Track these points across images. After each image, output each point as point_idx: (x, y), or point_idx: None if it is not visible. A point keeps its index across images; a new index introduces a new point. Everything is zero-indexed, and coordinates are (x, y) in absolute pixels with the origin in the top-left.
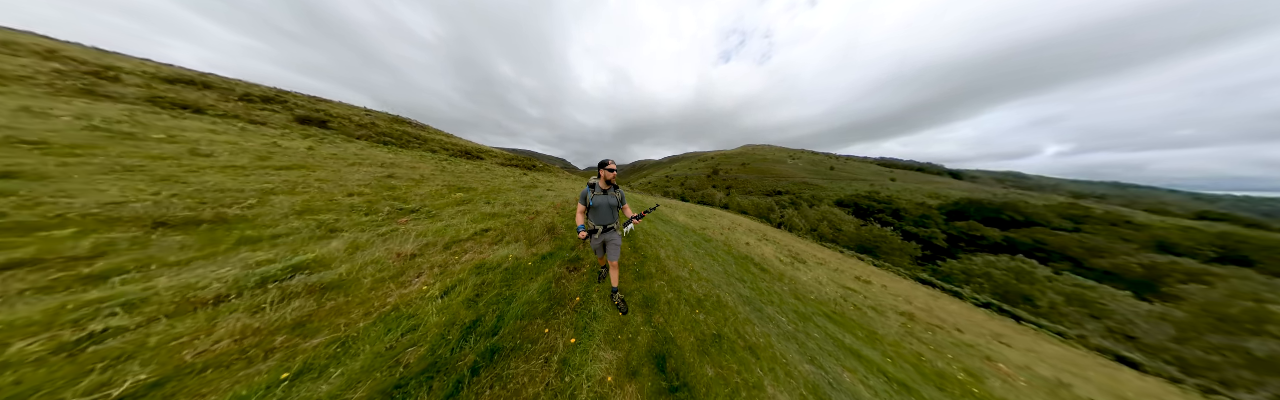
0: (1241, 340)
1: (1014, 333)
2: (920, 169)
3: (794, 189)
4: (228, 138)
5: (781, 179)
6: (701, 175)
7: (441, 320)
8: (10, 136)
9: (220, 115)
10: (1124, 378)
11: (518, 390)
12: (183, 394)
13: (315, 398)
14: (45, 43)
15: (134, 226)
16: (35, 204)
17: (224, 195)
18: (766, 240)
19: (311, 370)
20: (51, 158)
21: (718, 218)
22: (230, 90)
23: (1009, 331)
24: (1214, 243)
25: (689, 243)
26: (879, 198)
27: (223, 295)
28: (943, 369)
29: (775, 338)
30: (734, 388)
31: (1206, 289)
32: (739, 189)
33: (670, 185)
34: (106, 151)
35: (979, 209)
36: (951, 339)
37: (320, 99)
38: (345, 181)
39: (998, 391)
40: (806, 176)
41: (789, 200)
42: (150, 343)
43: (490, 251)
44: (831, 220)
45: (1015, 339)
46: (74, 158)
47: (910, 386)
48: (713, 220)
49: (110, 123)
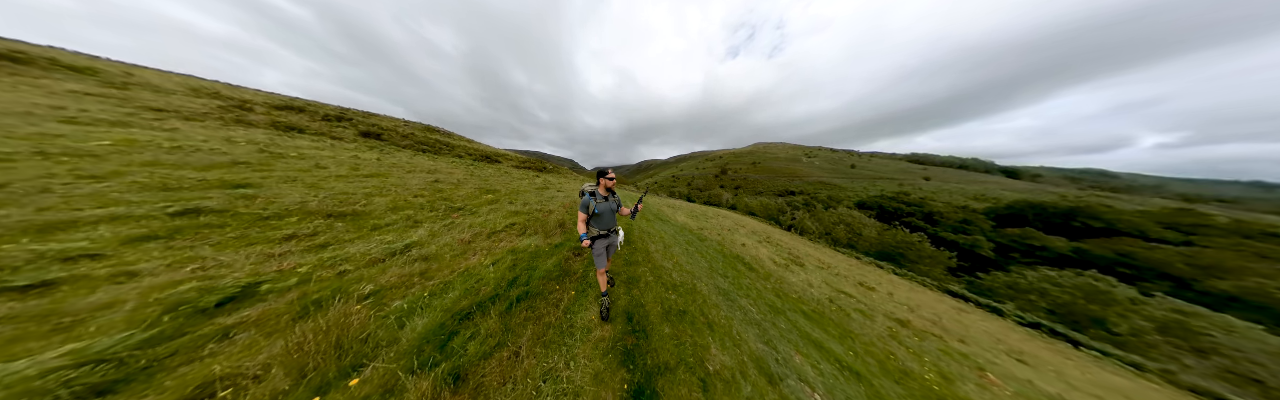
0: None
1: (1055, 355)
2: (963, 166)
3: (809, 189)
4: (327, 153)
5: (795, 178)
6: (709, 175)
7: (494, 276)
8: (234, 160)
9: (314, 134)
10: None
11: (541, 316)
12: (388, 298)
13: (447, 301)
14: (197, 83)
15: (319, 217)
16: (269, 203)
17: (347, 197)
18: (768, 242)
19: (440, 291)
20: (254, 173)
21: (720, 218)
22: (315, 112)
23: (1045, 353)
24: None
25: (682, 241)
26: (909, 199)
27: (381, 257)
28: (910, 368)
29: (738, 322)
30: (683, 343)
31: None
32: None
33: (676, 185)
34: (274, 167)
35: (1039, 214)
36: (944, 347)
37: (370, 113)
38: (409, 186)
39: (966, 393)
40: (824, 175)
41: (803, 201)
42: (366, 276)
43: (518, 240)
44: (850, 223)
45: (1046, 360)
46: (264, 172)
47: (863, 375)
48: (714, 221)
49: (265, 146)
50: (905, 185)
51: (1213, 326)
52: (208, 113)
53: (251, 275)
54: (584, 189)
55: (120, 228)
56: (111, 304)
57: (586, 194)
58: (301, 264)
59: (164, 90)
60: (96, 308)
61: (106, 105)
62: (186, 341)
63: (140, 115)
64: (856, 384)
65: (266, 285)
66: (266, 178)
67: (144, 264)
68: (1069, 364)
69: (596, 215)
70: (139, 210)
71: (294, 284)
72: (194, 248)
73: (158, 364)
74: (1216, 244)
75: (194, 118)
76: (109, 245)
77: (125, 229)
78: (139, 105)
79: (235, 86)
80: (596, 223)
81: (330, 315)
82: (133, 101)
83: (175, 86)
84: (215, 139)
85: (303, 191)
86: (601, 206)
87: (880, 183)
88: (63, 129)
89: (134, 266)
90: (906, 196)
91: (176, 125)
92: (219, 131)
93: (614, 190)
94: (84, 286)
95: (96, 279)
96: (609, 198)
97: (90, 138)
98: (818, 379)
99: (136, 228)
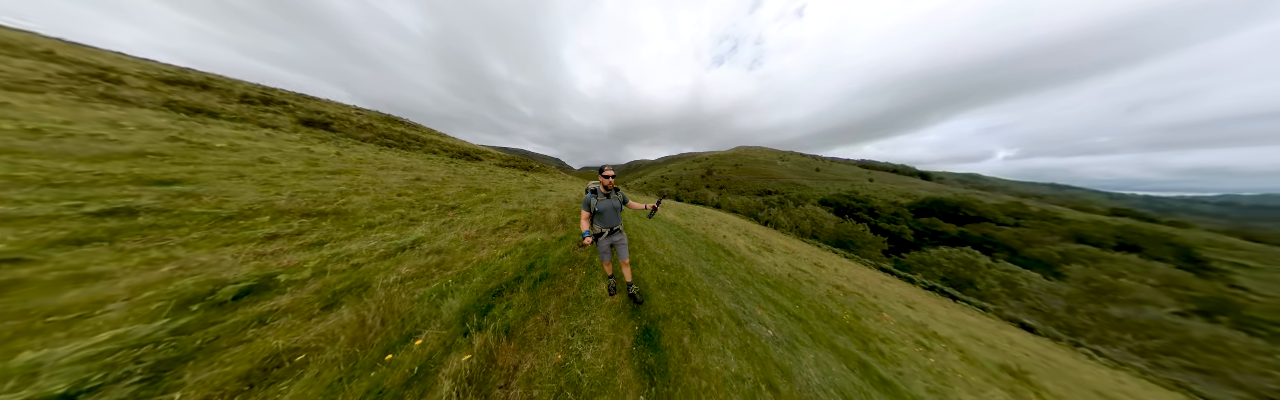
0: (1103, 307)
1: (937, 305)
2: (895, 170)
3: (783, 189)
4: (266, 144)
5: (771, 179)
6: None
7: (511, 265)
8: (138, 150)
9: (234, 119)
10: (1007, 334)
11: (560, 292)
12: (414, 286)
13: (475, 284)
14: (38, 41)
15: (295, 216)
16: (222, 202)
17: (318, 195)
18: (746, 235)
19: (463, 278)
20: (178, 167)
21: (706, 216)
22: (228, 91)
23: (930, 304)
24: (1115, 234)
25: (672, 235)
26: (857, 197)
27: (390, 252)
28: (836, 313)
29: (717, 290)
30: (675, 303)
31: (1083, 268)
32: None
33: (665, 185)
34: (203, 161)
35: (941, 207)
36: (861, 301)
37: (306, 96)
38: (388, 184)
39: (866, 324)
40: (795, 177)
41: (778, 200)
42: (383, 268)
43: (523, 236)
44: (814, 218)
45: (925, 306)
46: (191, 166)
47: (803, 319)
48: (700, 218)
49: (178, 134)
50: (856, 186)
51: (1024, 279)
52: (44, 81)
53: (259, 270)
54: (589, 187)
55: (24, 231)
56: (100, 301)
57: (590, 192)
58: (306, 260)
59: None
60: (82, 306)
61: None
62: (223, 328)
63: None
64: (797, 323)
65: (283, 277)
66: (197, 173)
67: (96, 267)
68: (941, 309)
69: (598, 213)
70: (37, 210)
71: (309, 277)
72: (156, 249)
73: (208, 345)
74: (1030, 225)
75: (21, 87)
76: (25, 249)
77: (32, 232)
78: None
79: (75, 45)
80: (599, 220)
81: (374, 297)
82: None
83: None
84: (88, 121)
85: (258, 189)
86: (603, 204)
87: (838, 184)
88: None
89: (84, 270)
90: (856, 195)
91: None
92: (82, 111)
93: (617, 188)
94: (35, 290)
95: (44, 282)
96: (611, 195)
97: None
98: (772, 322)
99: (49, 230)
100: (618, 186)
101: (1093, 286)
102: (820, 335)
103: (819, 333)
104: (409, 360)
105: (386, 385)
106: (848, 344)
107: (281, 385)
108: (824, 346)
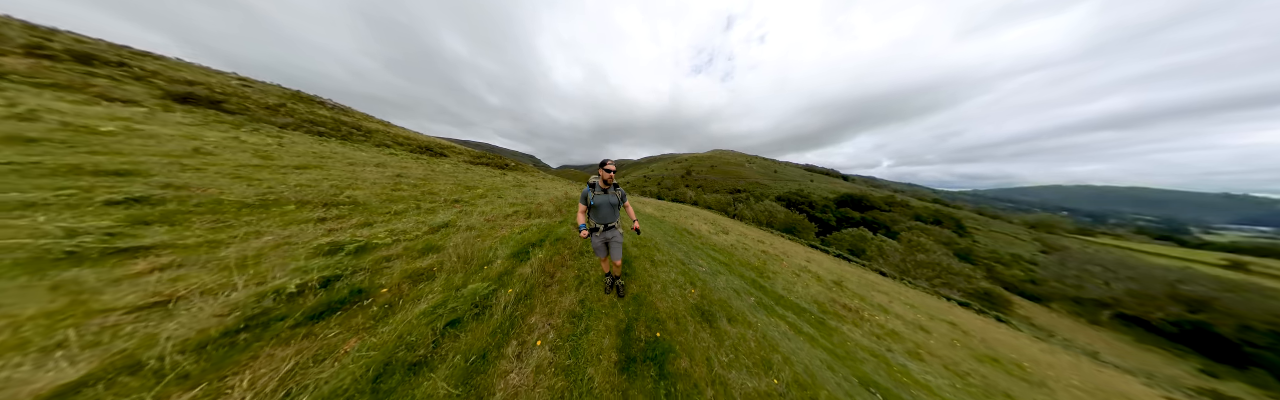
0: (913, 256)
1: (835, 263)
2: (827, 173)
3: (750, 188)
4: (171, 131)
5: (742, 180)
6: (676, 176)
7: (529, 235)
8: (15, 135)
9: (54, 87)
10: (868, 276)
11: (571, 246)
12: (472, 244)
13: (512, 243)
14: None
15: (318, 206)
16: (220, 194)
17: (312, 189)
18: (711, 224)
19: (502, 241)
20: (99, 157)
21: (680, 211)
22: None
23: (830, 262)
24: (933, 214)
25: (648, 224)
26: (802, 194)
27: (433, 229)
28: (754, 264)
29: (674, 250)
30: (643, 252)
31: (908, 233)
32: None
33: (647, 185)
34: (123, 149)
35: (851, 200)
36: (773, 258)
37: (139, 52)
38: (374, 181)
39: (768, 266)
40: (759, 178)
41: (746, 197)
42: (438, 237)
43: (528, 221)
44: (770, 211)
45: (823, 262)
46: (121, 157)
47: (728, 264)
48: (675, 212)
49: (24, 115)
50: (802, 185)
51: (881, 244)
52: None
53: (350, 237)
54: (589, 180)
55: (84, 213)
56: (257, 255)
57: (589, 185)
58: (374, 233)
59: None
60: (245, 257)
61: None
62: (371, 261)
63: None
64: (724, 266)
65: (375, 242)
66: (140, 165)
67: (207, 237)
68: (838, 265)
69: (594, 207)
70: (49, 198)
71: (391, 242)
72: (233, 227)
73: (372, 267)
74: (897, 211)
75: None
76: (112, 227)
77: (86, 215)
78: None
79: None
80: (595, 215)
81: (454, 249)
82: None
83: None
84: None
85: (241, 183)
86: (599, 199)
87: (790, 184)
88: None
89: (209, 238)
90: (801, 192)
91: None
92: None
93: (615, 183)
94: (179, 252)
95: (185, 246)
96: (609, 191)
97: None
98: (706, 265)
99: (101, 216)
100: (617, 183)
101: (910, 244)
102: (735, 270)
103: (735, 269)
104: (494, 271)
105: (489, 276)
106: (750, 274)
107: (434, 283)
108: (736, 275)
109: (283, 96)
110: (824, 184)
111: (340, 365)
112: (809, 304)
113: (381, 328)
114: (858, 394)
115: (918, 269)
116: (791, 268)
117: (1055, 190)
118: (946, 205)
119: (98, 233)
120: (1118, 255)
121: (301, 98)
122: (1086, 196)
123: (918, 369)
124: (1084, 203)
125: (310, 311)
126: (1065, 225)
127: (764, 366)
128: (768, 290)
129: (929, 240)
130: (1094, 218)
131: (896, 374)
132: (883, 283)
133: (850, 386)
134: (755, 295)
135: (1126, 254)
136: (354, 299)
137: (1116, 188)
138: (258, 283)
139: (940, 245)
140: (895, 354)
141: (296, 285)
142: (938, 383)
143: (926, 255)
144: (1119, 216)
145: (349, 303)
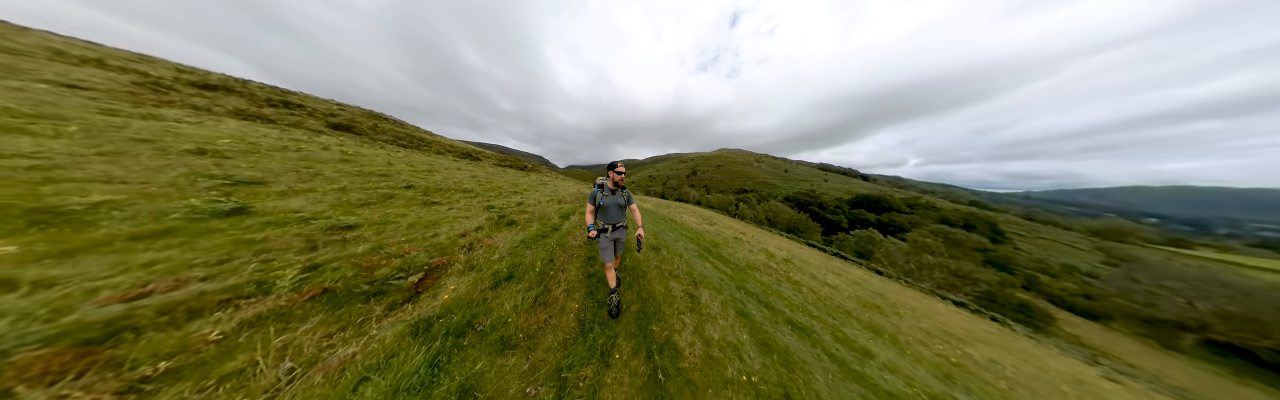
0: (919, 257)
1: (843, 265)
2: (844, 173)
3: (757, 188)
4: (351, 149)
5: (749, 179)
6: (681, 175)
7: (564, 210)
8: (309, 157)
9: (277, 124)
10: (865, 276)
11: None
12: (544, 209)
13: (562, 209)
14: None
15: (458, 192)
16: (428, 188)
17: (441, 182)
18: (705, 220)
19: (554, 212)
20: (376, 174)
21: (679, 208)
22: (253, 95)
23: (836, 264)
24: (964, 218)
25: (648, 220)
26: (813, 195)
27: (520, 203)
28: (716, 241)
29: (671, 242)
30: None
31: (917, 234)
32: (713, 188)
33: (653, 185)
34: (272, 159)
35: (867, 201)
36: (743, 243)
37: (287, 91)
38: (467, 179)
39: (727, 245)
40: (768, 178)
41: (752, 197)
42: (528, 204)
43: (562, 206)
44: (774, 210)
45: (796, 252)
46: (380, 170)
47: (694, 239)
48: (672, 209)
49: (282, 141)
50: (814, 185)
51: (890, 247)
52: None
53: (500, 207)
54: (598, 181)
55: (348, 197)
56: (473, 214)
57: (597, 186)
58: (508, 203)
59: None
60: (462, 214)
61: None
62: (508, 214)
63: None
64: (687, 239)
65: (497, 205)
66: (391, 169)
67: (433, 208)
68: (844, 268)
69: (602, 208)
70: (334, 189)
71: (517, 207)
72: (453, 201)
73: (509, 215)
74: (919, 213)
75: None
76: (364, 205)
77: (341, 199)
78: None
79: (97, 46)
80: (603, 216)
81: (537, 210)
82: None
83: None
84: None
85: (424, 179)
86: (607, 200)
87: (801, 183)
88: None
89: (455, 202)
90: (812, 193)
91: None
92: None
93: (623, 185)
94: (462, 204)
95: (461, 206)
96: (616, 192)
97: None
98: (675, 237)
99: (351, 198)
100: (625, 185)
101: (916, 245)
102: (696, 242)
103: (696, 241)
104: (552, 223)
105: (553, 223)
106: (705, 244)
107: (533, 222)
108: (695, 244)
109: (362, 116)
110: (839, 184)
111: (525, 233)
112: (741, 262)
113: (529, 228)
114: (726, 287)
115: (921, 270)
116: (750, 247)
117: (1136, 192)
118: (985, 208)
119: (422, 199)
120: (1211, 270)
121: (372, 115)
122: (1183, 200)
123: (788, 291)
124: (1179, 207)
125: (507, 221)
126: (1145, 233)
127: (684, 273)
128: (712, 251)
129: (937, 242)
130: (1196, 226)
131: (767, 288)
132: (851, 269)
133: (730, 289)
134: (699, 252)
135: (1226, 269)
136: (515, 220)
137: (1228, 189)
138: (499, 214)
139: (952, 247)
140: (782, 287)
141: (503, 217)
142: (790, 294)
143: (933, 257)
144: (1233, 225)
145: (514, 223)
